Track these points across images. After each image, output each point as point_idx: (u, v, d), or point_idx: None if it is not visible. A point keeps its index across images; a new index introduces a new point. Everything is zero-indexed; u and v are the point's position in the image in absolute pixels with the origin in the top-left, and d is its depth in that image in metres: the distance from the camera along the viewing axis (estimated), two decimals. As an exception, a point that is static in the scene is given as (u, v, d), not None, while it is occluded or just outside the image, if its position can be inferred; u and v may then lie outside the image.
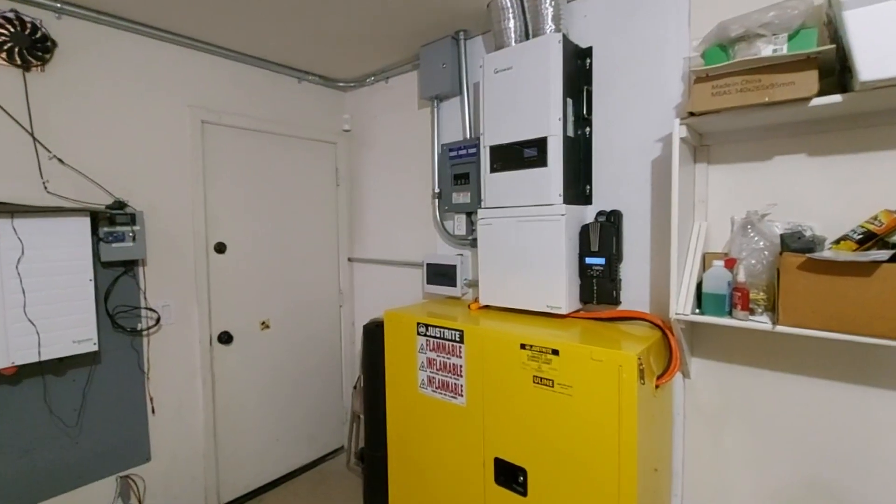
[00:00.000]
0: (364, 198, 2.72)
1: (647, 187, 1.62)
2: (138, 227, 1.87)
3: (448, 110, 2.20)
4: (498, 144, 1.76)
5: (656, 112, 1.58)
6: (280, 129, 2.45)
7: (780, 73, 1.11)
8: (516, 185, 1.72)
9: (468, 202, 2.03)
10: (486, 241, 1.83)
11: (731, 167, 1.46)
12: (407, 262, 2.45)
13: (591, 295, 1.67)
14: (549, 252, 1.63)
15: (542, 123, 1.62)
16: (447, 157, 2.10)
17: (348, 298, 2.81)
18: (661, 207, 1.59)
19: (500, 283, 1.79)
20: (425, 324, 1.73)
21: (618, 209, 1.67)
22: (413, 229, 2.43)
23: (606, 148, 1.71)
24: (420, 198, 2.37)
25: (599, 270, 1.64)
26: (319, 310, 2.69)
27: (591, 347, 1.30)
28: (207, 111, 2.16)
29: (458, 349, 1.63)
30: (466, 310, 1.91)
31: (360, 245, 2.77)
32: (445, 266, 2.16)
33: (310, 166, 2.62)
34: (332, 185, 2.73)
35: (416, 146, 2.37)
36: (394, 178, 2.53)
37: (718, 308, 1.28)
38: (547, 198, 1.63)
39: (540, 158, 1.65)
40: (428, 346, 1.73)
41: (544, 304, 1.67)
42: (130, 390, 1.96)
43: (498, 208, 1.78)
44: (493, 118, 1.77)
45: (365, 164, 2.70)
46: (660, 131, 1.58)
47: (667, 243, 1.50)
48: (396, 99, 2.48)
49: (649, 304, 1.64)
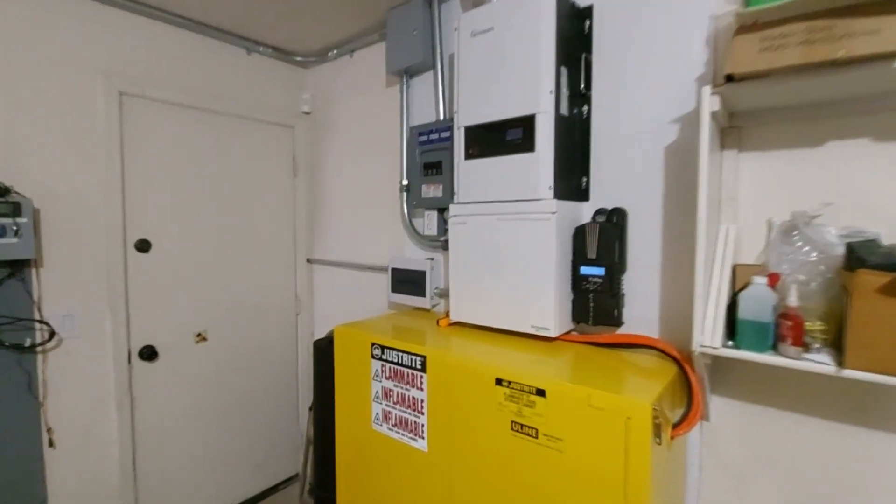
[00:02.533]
0: (326, 190, 2.36)
1: (659, 180, 1.29)
2: (25, 220, 1.49)
3: (420, 87, 1.86)
4: (475, 125, 1.43)
5: (672, 86, 1.26)
6: (225, 107, 2.08)
7: (860, 18, 0.79)
8: (496, 174, 1.38)
9: (440, 196, 1.69)
10: (458, 243, 1.49)
11: (768, 155, 1.14)
12: (372, 265, 2.10)
13: (586, 313, 1.34)
14: (536, 259, 1.30)
15: (530, 98, 1.29)
16: (416, 143, 1.76)
17: (307, 305, 2.45)
18: (677, 205, 1.27)
19: (474, 295, 1.45)
20: (381, 345, 1.39)
21: (621, 207, 1.35)
22: (379, 228, 2.08)
23: (608, 131, 1.38)
24: (388, 191, 2.03)
25: (598, 283, 1.31)
26: (272, 318, 2.33)
27: (590, 389, 0.97)
28: (127, 80, 1.78)
29: (418, 379, 1.29)
30: (435, 326, 1.57)
31: (321, 244, 2.42)
32: (413, 272, 1.82)
33: (262, 152, 2.25)
34: (288, 174, 2.37)
35: (384, 130, 2.03)
36: (359, 167, 2.17)
37: (759, 340, 0.96)
38: (534, 191, 1.30)
39: (526, 142, 1.31)
40: (384, 372, 1.39)
41: (528, 324, 1.34)
42: (18, 420, 1.58)
43: (474, 203, 1.44)
44: (470, 92, 1.43)
45: (327, 151, 2.34)
46: (677, 109, 1.26)
47: (686, 251, 1.19)
48: (362, 75, 2.12)
49: (658, 327, 1.31)
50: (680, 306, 1.27)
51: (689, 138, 1.24)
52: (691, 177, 1.22)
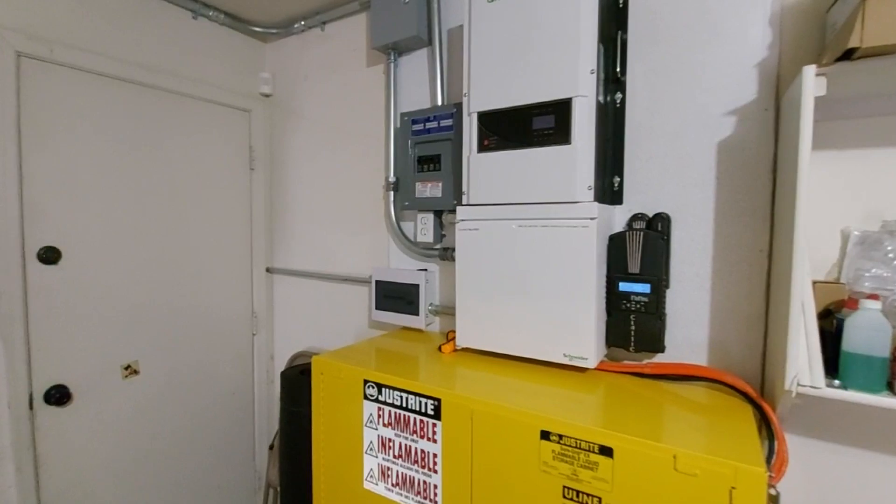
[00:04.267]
0: (291, 187, 2.01)
1: (710, 181, 1.11)
2: None
3: (410, 68, 1.58)
4: (492, 111, 1.18)
5: (726, 73, 1.08)
6: (164, 82, 1.69)
7: None
8: (519, 171, 1.14)
9: (439, 196, 1.43)
10: (468, 253, 1.23)
11: (844, 155, 0.99)
12: (349, 276, 1.79)
13: (626, 338, 1.13)
14: (571, 274, 1.07)
15: (566, 78, 1.06)
16: (408, 132, 1.48)
17: (266, 323, 2.08)
18: (732, 211, 1.08)
19: (488, 316, 1.20)
20: (377, 383, 1.11)
21: (664, 212, 1.15)
22: (358, 232, 1.78)
23: (646, 123, 1.18)
24: (369, 189, 1.73)
25: (642, 302, 1.10)
26: (223, 340, 1.94)
27: (675, 448, 0.75)
28: (29, 38, 1.36)
29: (430, 428, 1.02)
30: (436, 353, 1.31)
31: (284, 251, 2.06)
32: (403, 286, 1.53)
33: (211, 140, 1.87)
34: (243, 167, 2.00)
35: (364, 118, 1.73)
36: (333, 160, 1.85)
37: (873, 378, 0.78)
38: (569, 192, 1.07)
39: (559, 132, 1.08)
40: (382, 418, 1.10)
41: (559, 353, 1.11)
42: None
43: (489, 206, 1.19)
44: (485, 71, 1.18)
45: (292, 140, 2.00)
46: (731, 100, 1.08)
47: (742, 263, 1.03)
48: (336, 52, 1.81)
49: (706, 353, 1.13)
50: (733, 329, 1.09)
51: (748, 133, 1.06)
52: (751, 178, 1.06)
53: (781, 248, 0.98)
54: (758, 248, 1.06)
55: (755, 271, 1.07)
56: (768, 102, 1.04)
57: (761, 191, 1.05)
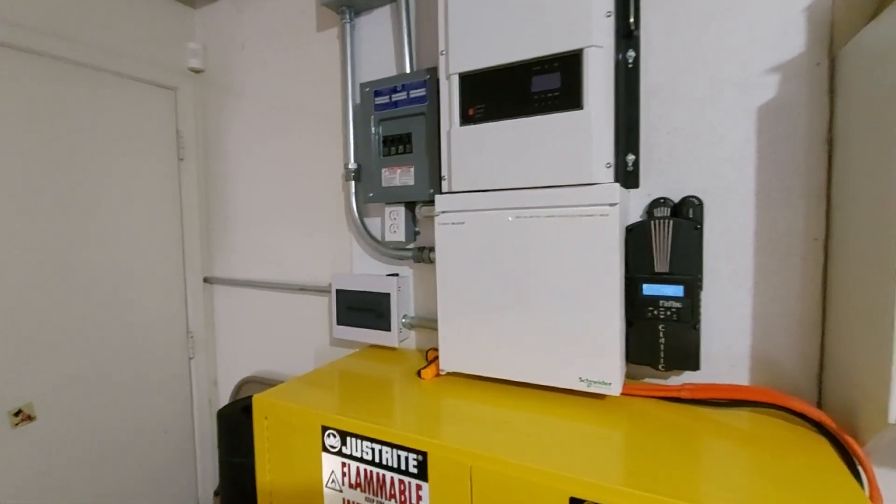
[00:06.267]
0: (230, 180, 1.69)
1: (749, 155, 0.90)
2: None
3: (371, 29, 1.30)
4: (478, 71, 0.92)
5: (766, 17, 0.87)
6: (67, 52, 1.34)
7: None
8: (516, 147, 0.89)
9: (411, 184, 1.16)
10: (452, 254, 0.97)
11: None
12: (305, 286, 1.50)
13: (652, 353, 0.91)
14: (586, 276, 0.84)
15: (576, 24, 0.82)
16: (371, 107, 1.20)
17: (205, 344, 1.75)
18: (779, 190, 0.88)
19: (478, 332, 0.95)
20: (340, 430, 0.83)
21: (694, 196, 0.93)
22: (314, 232, 1.48)
23: (667, 86, 0.96)
24: (326, 179, 1.44)
25: (674, 309, 0.88)
26: (151, 368, 1.60)
27: (771, 528, 0.52)
28: None
29: (412, 492, 0.76)
30: (414, 379, 1.04)
31: (224, 257, 1.74)
32: (371, 295, 1.26)
33: (128, 123, 1.52)
34: (170, 156, 1.66)
35: (317, 93, 1.43)
36: (280, 145, 1.55)
37: None
38: (583, 171, 0.84)
39: (567, 94, 0.84)
40: (347, 476, 0.83)
41: (573, 376, 0.87)
42: None
43: (477, 193, 0.94)
44: (468, 21, 0.92)
45: (230, 124, 1.67)
46: (774, 53, 0.87)
47: (796, 256, 0.81)
48: (279, 15, 1.50)
49: (748, 368, 0.92)
50: (782, 337, 0.89)
51: (795, 95, 0.86)
52: (801, 151, 0.85)
53: (845, 236, 0.79)
54: (812, 236, 0.86)
55: (809, 265, 0.86)
56: (820, 56, 0.84)
57: (815, 166, 0.85)
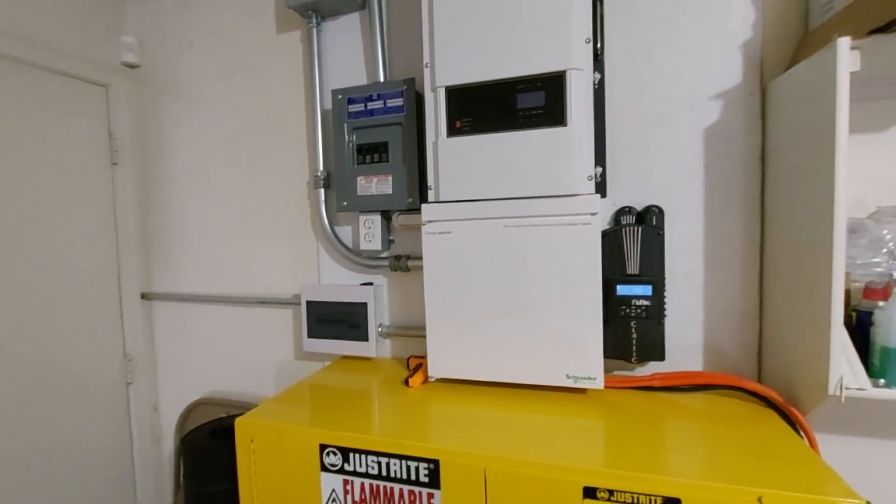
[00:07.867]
0: (173, 187, 1.55)
1: (698, 170, 1.03)
2: None
3: (339, 36, 1.28)
4: (465, 85, 0.95)
5: (711, 50, 1.00)
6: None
7: None
8: (503, 159, 0.94)
9: (389, 193, 1.16)
10: (439, 262, 0.99)
11: (828, 141, 0.96)
12: (265, 298, 1.42)
13: (627, 348, 1.00)
14: (571, 280, 0.91)
15: (558, 48, 0.89)
16: (344, 115, 1.18)
17: (145, 368, 1.58)
18: (723, 201, 1.02)
19: (467, 337, 0.98)
20: (341, 447, 0.81)
21: (656, 205, 1.05)
22: (275, 243, 1.41)
23: (628, 106, 1.07)
24: (288, 187, 1.38)
25: (644, 307, 0.98)
26: (82, 397, 1.41)
27: (760, 490, 0.61)
28: None
29: (423, 501, 0.76)
30: (400, 388, 1.04)
31: (166, 270, 1.58)
32: (345, 305, 1.23)
33: (53, 123, 1.34)
34: (102, 161, 1.49)
35: (276, 97, 1.37)
36: (234, 151, 1.45)
37: (912, 374, 0.74)
38: (567, 183, 0.90)
39: (552, 112, 0.91)
40: (351, 493, 0.81)
41: (560, 374, 0.93)
42: None
43: (464, 203, 0.97)
44: (455, 36, 0.95)
45: (174, 126, 1.53)
46: (716, 83, 1.01)
47: (734, 257, 0.96)
48: (231, 15, 1.42)
49: (702, 356, 1.05)
50: (727, 328, 1.03)
51: (734, 119, 1.00)
52: (739, 167, 1.00)
53: (778, 238, 0.93)
54: (749, 240, 1.01)
55: (747, 265, 1.01)
56: (754, 86, 0.99)
57: (751, 179, 1.00)
